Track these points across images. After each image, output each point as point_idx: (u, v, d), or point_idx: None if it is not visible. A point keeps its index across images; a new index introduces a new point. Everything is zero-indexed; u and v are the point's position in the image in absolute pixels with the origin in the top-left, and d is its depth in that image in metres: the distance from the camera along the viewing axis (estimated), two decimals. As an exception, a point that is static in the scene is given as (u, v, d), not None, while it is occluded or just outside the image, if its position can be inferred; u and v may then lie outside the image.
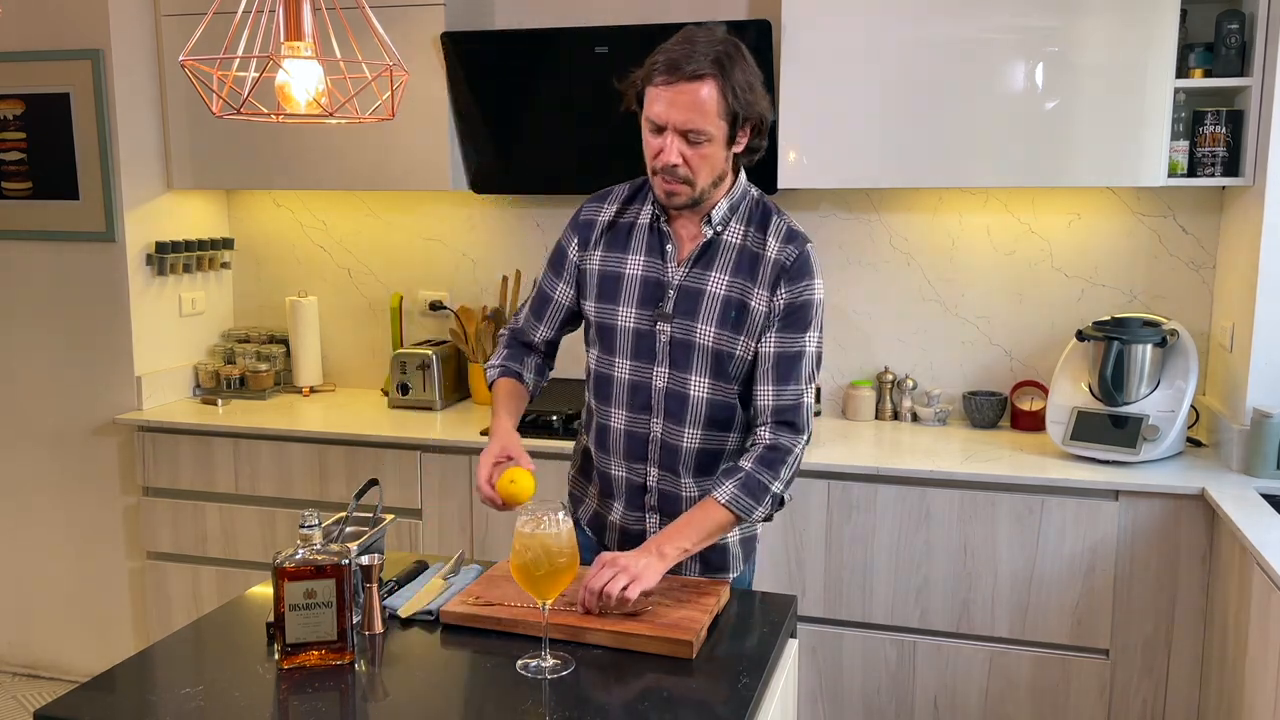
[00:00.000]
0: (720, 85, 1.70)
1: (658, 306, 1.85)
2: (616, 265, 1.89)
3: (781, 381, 1.82)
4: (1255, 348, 2.64)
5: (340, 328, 3.67)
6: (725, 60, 1.71)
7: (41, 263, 3.36)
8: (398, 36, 2.97)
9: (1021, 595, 2.65)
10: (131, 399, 3.34)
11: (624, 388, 1.89)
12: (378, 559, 1.68)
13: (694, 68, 1.69)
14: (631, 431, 1.90)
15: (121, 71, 3.23)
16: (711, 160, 1.77)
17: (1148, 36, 2.62)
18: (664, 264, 1.86)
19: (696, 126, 1.72)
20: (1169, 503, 2.54)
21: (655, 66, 1.72)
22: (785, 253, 1.84)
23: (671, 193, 1.79)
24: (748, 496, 1.78)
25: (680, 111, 1.71)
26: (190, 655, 1.63)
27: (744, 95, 1.73)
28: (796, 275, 1.83)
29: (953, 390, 3.18)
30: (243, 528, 3.20)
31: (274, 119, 1.84)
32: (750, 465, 1.80)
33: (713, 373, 1.85)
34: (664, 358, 1.86)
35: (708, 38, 1.73)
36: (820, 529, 2.75)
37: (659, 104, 1.72)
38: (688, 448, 1.88)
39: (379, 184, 3.25)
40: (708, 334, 1.83)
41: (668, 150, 1.74)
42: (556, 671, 1.53)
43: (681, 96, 1.70)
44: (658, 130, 1.75)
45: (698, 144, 1.74)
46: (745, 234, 1.86)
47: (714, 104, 1.71)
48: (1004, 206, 3.08)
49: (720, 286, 1.84)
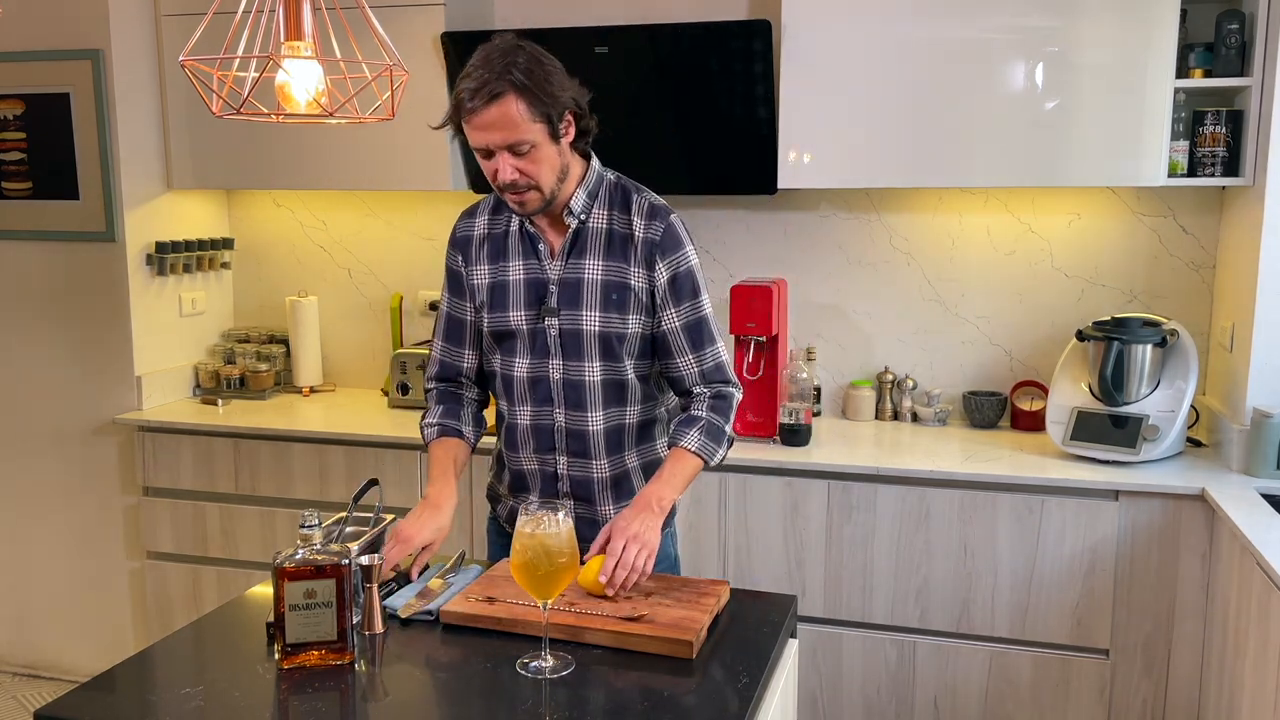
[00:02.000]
0: (520, 94, 1.74)
1: (542, 304, 1.92)
2: (500, 274, 1.95)
3: (697, 349, 1.94)
4: (1255, 348, 2.64)
5: (340, 328, 3.67)
6: (515, 69, 1.74)
7: (41, 263, 3.36)
8: (398, 36, 2.97)
9: (1021, 595, 2.65)
10: (131, 399, 3.34)
11: (524, 385, 1.96)
12: (378, 559, 1.68)
13: (490, 89, 1.72)
14: (537, 425, 1.97)
15: (121, 71, 3.23)
16: (546, 161, 1.81)
17: (1148, 36, 2.62)
18: (540, 263, 1.93)
19: (515, 139, 1.76)
20: (1169, 503, 2.54)
21: (459, 102, 1.76)
22: (652, 230, 1.91)
23: (522, 203, 1.84)
24: (711, 441, 1.91)
25: (495, 133, 1.75)
26: (190, 655, 1.63)
27: (546, 93, 1.76)
28: (669, 248, 1.91)
29: (953, 390, 3.18)
30: (243, 528, 3.20)
31: (274, 119, 1.84)
32: (705, 413, 1.93)
33: (603, 355, 1.92)
34: (556, 350, 1.93)
35: (492, 53, 1.76)
36: (820, 529, 2.75)
37: (475, 133, 1.78)
38: (594, 430, 1.95)
39: (379, 184, 3.25)
40: (593, 320, 1.90)
41: (502, 169, 1.79)
42: (556, 671, 1.53)
43: (488, 119, 1.74)
44: (487, 154, 1.79)
45: (525, 154, 1.78)
46: (610, 217, 1.92)
47: (522, 113, 1.74)
48: (1004, 206, 3.08)
49: (597, 272, 1.91)
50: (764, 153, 2.92)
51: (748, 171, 2.98)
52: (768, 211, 3.23)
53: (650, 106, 3.00)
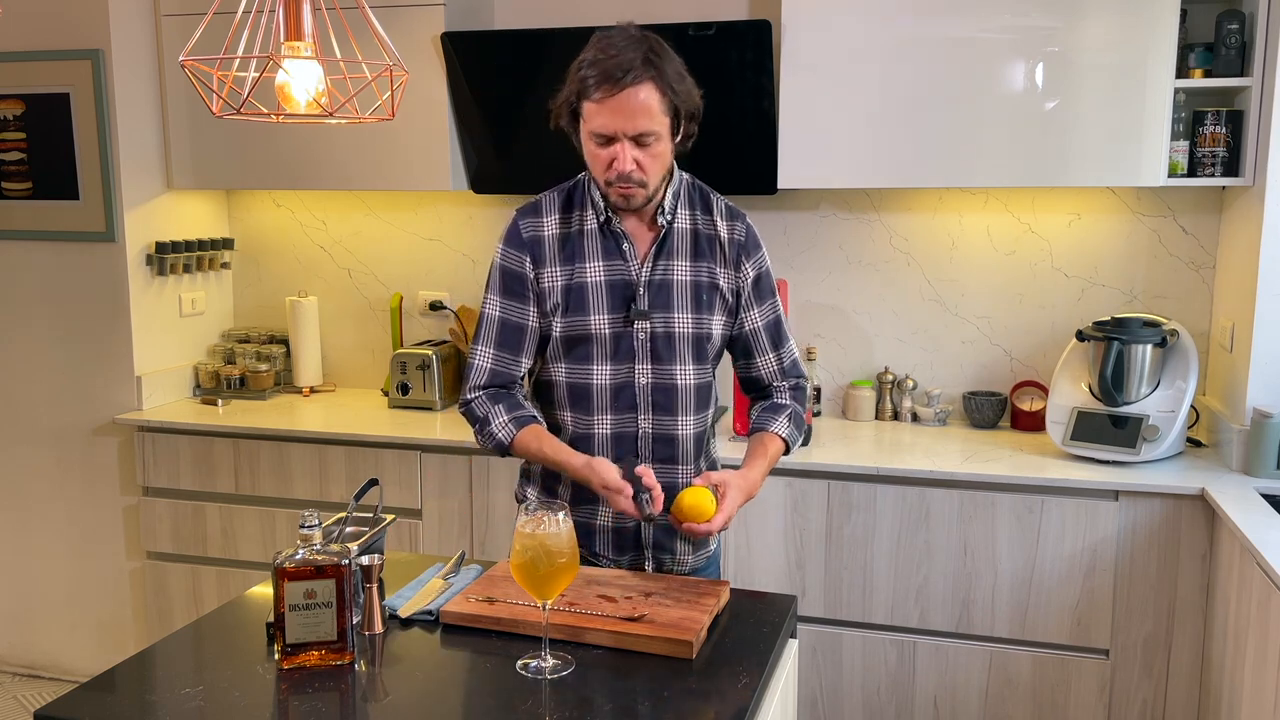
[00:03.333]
0: (658, 84, 1.72)
1: (630, 306, 1.87)
2: (577, 275, 1.87)
3: (777, 347, 1.99)
4: (1255, 348, 2.64)
5: (340, 328, 3.67)
6: (654, 58, 1.72)
7: (41, 263, 3.36)
8: (398, 36, 2.97)
9: (1021, 595, 2.65)
10: (131, 399, 3.34)
11: (605, 393, 1.88)
12: (378, 559, 1.68)
13: (630, 73, 1.69)
14: (619, 434, 1.89)
15: (121, 71, 3.23)
16: (662, 158, 1.80)
17: (1148, 36, 2.62)
18: (626, 264, 1.88)
19: (646, 129, 1.73)
20: (1169, 503, 2.54)
21: (588, 81, 1.71)
22: (736, 230, 1.92)
23: (629, 196, 1.80)
24: (797, 429, 1.97)
25: (627, 119, 1.72)
26: (190, 655, 1.63)
27: (680, 87, 1.75)
28: (753, 249, 1.93)
29: (953, 390, 3.18)
30: (243, 528, 3.20)
31: (274, 119, 1.85)
32: (790, 401, 1.98)
33: (695, 358, 1.90)
34: (645, 355, 1.87)
35: (628, 39, 1.73)
36: (820, 529, 2.75)
37: (602, 116, 1.73)
38: (683, 435, 1.91)
39: (379, 184, 3.25)
40: (686, 321, 1.88)
41: (622, 158, 1.75)
42: (556, 671, 1.53)
43: (625, 104, 1.70)
44: (607, 141, 1.75)
45: (648, 145, 1.76)
46: (693, 218, 1.91)
47: (656, 103, 1.72)
48: (1004, 206, 3.08)
49: (686, 273, 1.89)
50: (764, 153, 2.92)
51: (748, 171, 2.98)
52: (768, 211, 3.23)
53: (650, 106, 2.99)
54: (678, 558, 1.96)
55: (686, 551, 1.97)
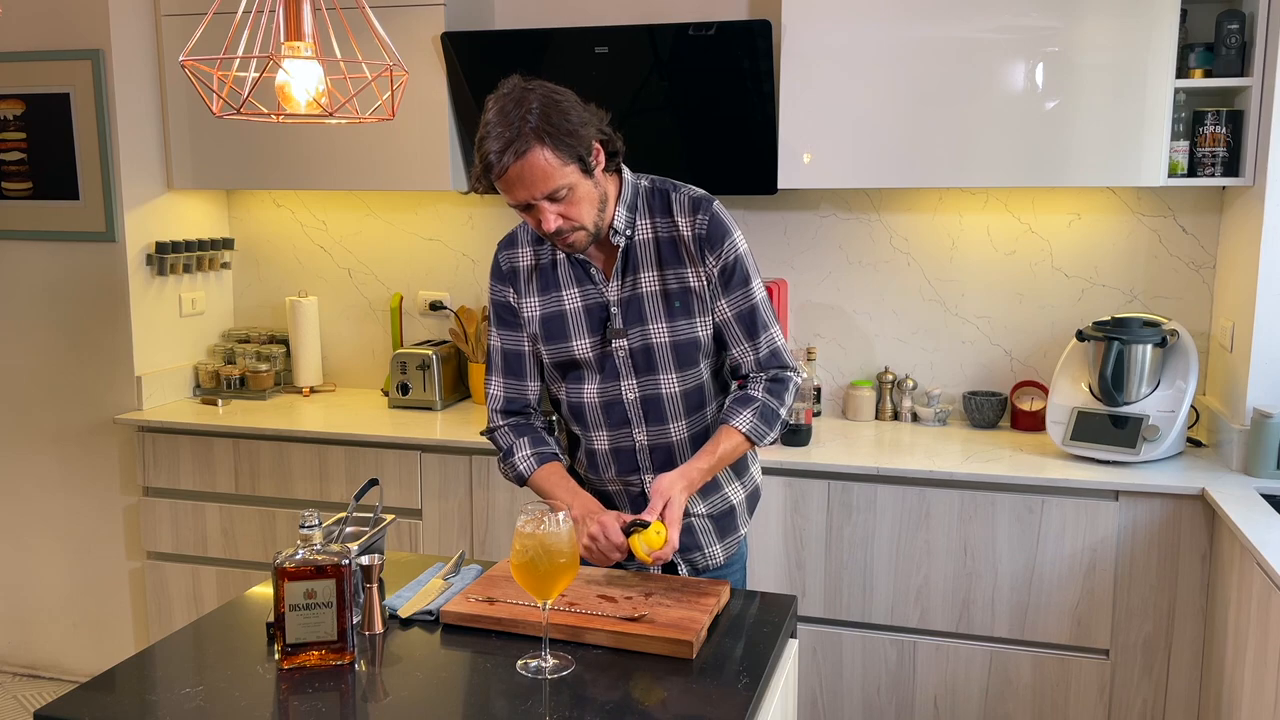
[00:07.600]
0: (548, 144, 1.69)
1: (606, 327, 1.89)
2: (553, 304, 1.92)
3: (751, 337, 1.92)
4: (1255, 348, 2.64)
5: (340, 328, 3.67)
6: (534, 120, 1.68)
7: (41, 263, 3.36)
8: (398, 36, 2.98)
9: (1021, 595, 2.65)
10: (131, 399, 3.34)
11: (597, 410, 1.94)
12: (378, 559, 1.68)
13: (515, 147, 1.67)
14: (616, 449, 1.95)
15: (121, 71, 3.23)
16: (586, 199, 1.77)
17: (1148, 36, 2.62)
18: (595, 287, 1.90)
19: (554, 188, 1.72)
20: (1169, 503, 2.54)
21: (488, 164, 1.70)
22: (698, 224, 1.87)
23: (572, 245, 1.81)
24: (763, 424, 1.89)
25: (531, 186, 1.71)
26: (190, 655, 1.63)
27: (570, 134, 1.71)
28: (716, 240, 1.87)
29: (953, 390, 3.18)
30: (243, 528, 3.20)
31: (274, 119, 1.85)
32: (761, 393, 1.90)
33: (678, 365, 1.90)
34: (628, 370, 1.90)
35: (509, 105, 1.70)
36: (820, 529, 2.75)
37: (510, 191, 1.73)
38: (678, 440, 1.94)
39: (379, 184, 3.25)
40: (662, 331, 1.89)
41: (545, 219, 1.75)
42: (556, 671, 1.53)
43: (523, 175, 1.70)
44: (527, 208, 1.76)
45: (564, 198, 1.74)
46: (653, 226, 1.89)
47: (552, 161, 1.70)
48: (1004, 206, 3.08)
49: (654, 283, 1.89)
50: (764, 153, 2.92)
51: (748, 171, 2.98)
52: (768, 211, 3.23)
53: (650, 106, 3.00)
54: (707, 553, 2.00)
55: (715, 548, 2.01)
